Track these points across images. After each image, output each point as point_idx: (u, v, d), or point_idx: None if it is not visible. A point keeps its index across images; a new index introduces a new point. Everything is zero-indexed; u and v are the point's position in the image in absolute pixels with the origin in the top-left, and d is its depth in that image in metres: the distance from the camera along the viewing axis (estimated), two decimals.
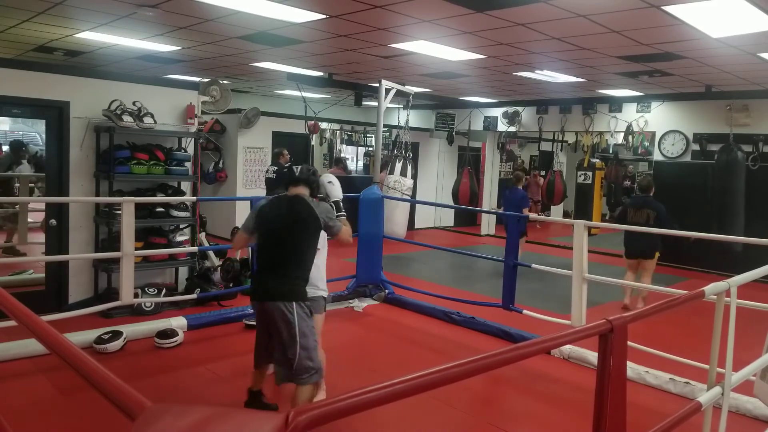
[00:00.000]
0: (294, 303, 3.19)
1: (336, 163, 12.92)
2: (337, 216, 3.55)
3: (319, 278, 3.73)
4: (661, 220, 6.26)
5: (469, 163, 11.60)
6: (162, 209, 5.69)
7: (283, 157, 8.73)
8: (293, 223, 3.27)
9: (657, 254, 6.43)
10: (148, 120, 5.55)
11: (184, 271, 6.21)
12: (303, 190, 3.40)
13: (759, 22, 4.81)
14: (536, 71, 7.85)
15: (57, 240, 5.46)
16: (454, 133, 12.63)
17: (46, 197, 5.85)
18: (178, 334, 4.81)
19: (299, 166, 3.49)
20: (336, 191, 3.83)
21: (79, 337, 4.44)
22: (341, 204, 3.74)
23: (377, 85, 7.05)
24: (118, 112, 5.38)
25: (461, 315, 5.71)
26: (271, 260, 3.30)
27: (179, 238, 5.90)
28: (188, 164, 5.93)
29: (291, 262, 3.25)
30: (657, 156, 9.70)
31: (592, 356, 4.55)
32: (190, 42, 6.99)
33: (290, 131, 10.39)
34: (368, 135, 14.44)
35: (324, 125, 12.70)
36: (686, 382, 4.19)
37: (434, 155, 13.21)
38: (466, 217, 13.54)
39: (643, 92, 9.41)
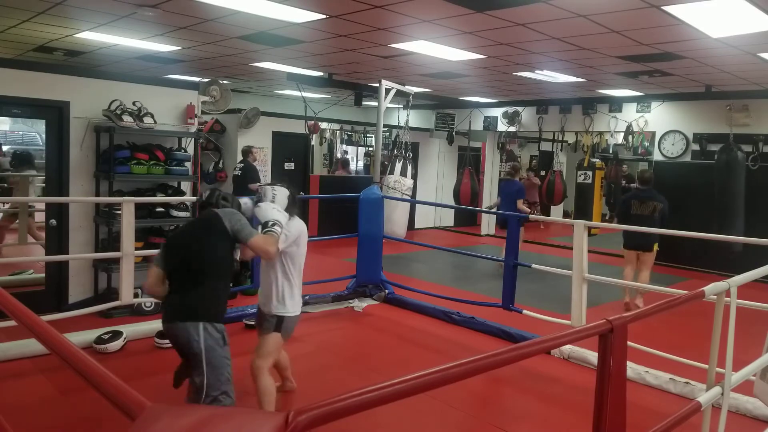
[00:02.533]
0: (200, 324, 2.79)
1: (342, 165, 12.85)
2: (265, 231, 3.05)
3: (281, 295, 3.38)
4: (665, 213, 6.38)
5: (470, 163, 11.62)
6: (162, 209, 5.69)
7: (252, 155, 8.79)
8: (197, 237, 2.96)
9: (656, 247, 6.46)
10: (148, 120, 5.55)
11: None
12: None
13: (759, 22, 4.81)
14: (536, 71, 7.85)
15: (57, 240, 5.46)
16: (454, 133, 12.63)
17: (46, 197, 5.85)
18: None
19: (207, 191, 3.18)
20: (264, 213, 3.16)
21: (79, 337, 4.44)
22: (271, 224, 3.09)
23: (377, 85, 7.06)
24: (118, 112, 5.39)
25: (461, 315, 5.71)
26: (179, 281, 2.93)
27: None
28: (188, 164, 5.93)
29: (198, 279, 2.86)
30: (657, 156, 9.70)
31: (592, 356, 4.55)
32: (190, 42, 6.99)
33: (290, 131, 10.39)
34: (368, 135, 14.45)
35: (324, 125, 12.71)
36: (686, 382, 4.19)
37: (434, 155, 13.21)
38: (466, 217, 13.54)
39: (643, 92, 9.40)
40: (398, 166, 8.03)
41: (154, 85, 6.11)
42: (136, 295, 5.00)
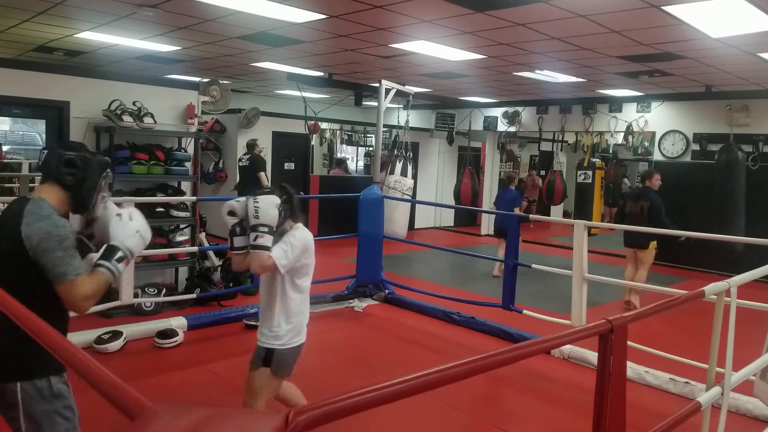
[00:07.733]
0: (18, 384, 1.88)
1: (338, 164, 12.91)
2: (100, 261, 2.02)
3: (275, 321, 2.75)
4: (653, 211, 6.39)
5: (470, 163, 11.62)
6: (162, 209, 5.70)
7: (257, 147, 8.86)
8: None
9: (653, 245, 6.48)
10: (148, 120, 5.55)
11: (184, 271, 6.21)
12: (49, 192, 1.97)
13: (759, 22, 4.81)
14: (536, 71, 7.85)
15: None
16: (454, 133, 12.64)
17: None
18: (178, 334, 4.81)
19: (48, 150, 2.06)
20: (119, 231, 2.09)
21: (79, 337, 4.43)
22: (119, 251, 2.06)
23: (377, 85, 7.05)
24: (118, 112, 5.39)
25: (461, 315, 5.71)
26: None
27: (179, 238, 5.90)
28: (188, 164, 5.93)
29: None
30: (657, 156, 9.70)
31: (592, 356, 4.55)
32: (190, 42, 6.99)
33: (290, 131, 10.39)
34: (368, 135, 14.45)
35: (324, 125, 12.70)
36: (686, 382, 4.19)
37: (434, 155, 13.21)
38: (466, 217, 13.54)
39: (643, 92, 9.40)
40: (398, 166, 8.03)
41: (154, 85, 6.12)
42: (136, 295, 5.01)
